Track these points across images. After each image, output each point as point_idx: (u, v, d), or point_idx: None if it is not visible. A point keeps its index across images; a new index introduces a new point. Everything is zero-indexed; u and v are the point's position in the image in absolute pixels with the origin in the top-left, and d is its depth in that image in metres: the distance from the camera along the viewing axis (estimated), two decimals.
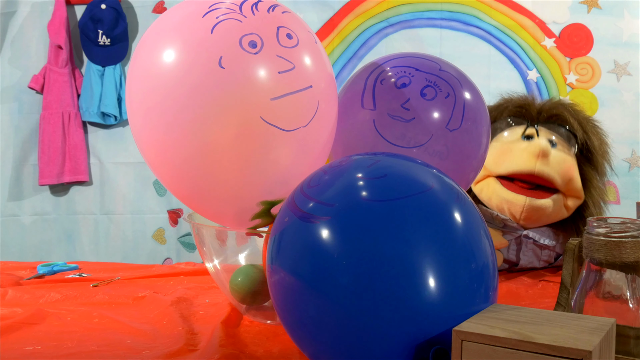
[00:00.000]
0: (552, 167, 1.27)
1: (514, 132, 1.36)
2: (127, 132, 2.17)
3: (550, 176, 1.26)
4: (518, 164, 1.27)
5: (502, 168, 1.30)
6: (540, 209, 1.28)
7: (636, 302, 0.68)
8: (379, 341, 0.61)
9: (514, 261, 1.35)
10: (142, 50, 0.87)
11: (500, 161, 1.30)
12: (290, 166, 0.86)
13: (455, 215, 0.67)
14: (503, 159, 1.30)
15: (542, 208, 1.28)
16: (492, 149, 1.32)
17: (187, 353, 0.83)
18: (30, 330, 0.93)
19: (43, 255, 2.13)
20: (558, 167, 1.28)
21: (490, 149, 1.33)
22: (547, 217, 1.31)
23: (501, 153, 1.31)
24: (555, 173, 1.27)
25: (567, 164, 1.31)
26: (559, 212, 1.31)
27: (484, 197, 1.33)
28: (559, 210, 1.30)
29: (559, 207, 1.30)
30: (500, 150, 1.32)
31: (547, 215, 1.30)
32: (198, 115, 0.81)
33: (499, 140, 1.35)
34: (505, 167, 1.29)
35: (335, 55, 2.09)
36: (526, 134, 1.33)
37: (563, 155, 1.31)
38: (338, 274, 0.62)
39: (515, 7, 2.03)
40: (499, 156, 1.31)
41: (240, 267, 0.99)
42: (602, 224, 0.69)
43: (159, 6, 2.16)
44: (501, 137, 1.36)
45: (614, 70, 2.00)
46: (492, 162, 1.30)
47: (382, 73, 1.00)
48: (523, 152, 1.28)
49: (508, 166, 1.29)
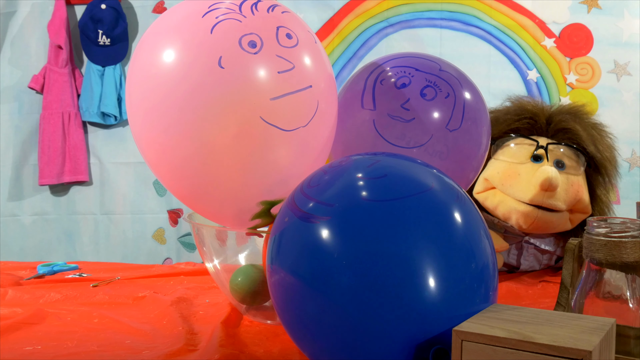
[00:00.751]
0: (558, 196, 1.25)
1: (522, 149, 1.31)
2: (127, 132, 2.17)
3: (557, 207, 1.25)
4: (525, 195, 1.25)
5: (509, 193, 1.28)
6: (551, 220, 1.27)
7: (636, 302, 0.68)
8: (379, 341, 0.61)
9: (515, 265, 1.34)
10: (142, 50, 0.87)
11: (507, 184, 1.28)
12: (290, 166, 0.86)
13: (455, 215, 0.66)
14: (510, 182, 1.27)
15: (553, 220, 1.27)
16: (499, 164, 1.30)
17: (187, 353, 0.83)
18: (30, 330, 0.93)
19: (43, 255, 2.13)
20: (565, 195, 1.26)
21: (496, 163, 1.31)
22: (553, 228, 1.30)
23: (508, 175, 1.28)
24: (562, 203, 1.25)
25: (575, 188, 1.28)
26: (564, 224, 1.30)
27: (489, 204, 1.31)
28: (565, 223, 1.30)
29: (565, 220, 1.29)
30: (507, 172, 1.29)
31: (554, 227, 1.29)
32: (198, 115, 0.81)
33: (505, 155, 1.31)
34: (511, 193, 1.27)
35: (335, 55, 2.09)
36: (535, 154, 1.29)
37: (571, 178, 1.29)
38: (338, 274, 0.62)
39: (515, 7, 2.03)
40: (505, 178, 1.28)
41: (240, 267, 0.99)
42: (602, 224, 0.69)
43: (159, 6, 2.16)
44: (508, 150, 1.32)
45: (614, 70, 2.00)
46: (498, 181, 1.28)
47: (382, 73, 1.00)
48: (530, 182, 1.25)
49: (515, 194, 1.26)
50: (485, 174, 1.31)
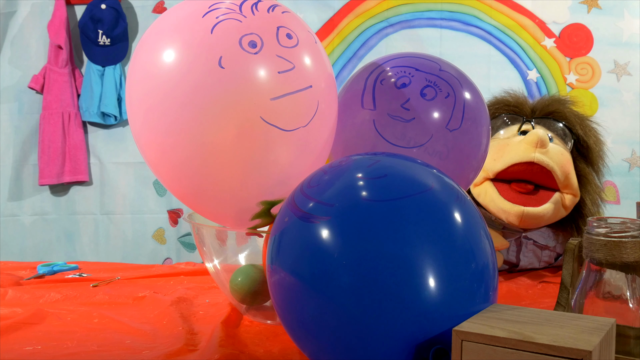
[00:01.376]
0: (551, 157, 1.26)
1: (510, 130, 1.36)
2: (127, 132, 2.17)
3: (550, 165, 1.25)
4: (517, 155, 1.26)
5: (500, 163, 1.28)
6: (538, 216, 1.27)
7: (636, 302, 0.68)
8: (379, 341, 0.61)
9: (514, 262, 1.35)
10: (142, 50, 0.87)
11: (498, 157, 1.29)
12: (290, 166, 0.86)
13: (455, 215, 0.67)
14: (501, 153, 1.29)
15: (539, 216, 1.27)
16: (490, 148, 1.32)
17: (187, 353, 0.83)
18: (30, 330, 0.93)
19: (43, 255, 2.13)
20: (556, 158, 1.27)
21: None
22: (546, 221, 1.30)
23: (498, 149, 1.30)
24: (554, 163, 1.26)
25: (565, 158, 1.30)
26: (557, 213, 1.30)
27: (482, 202, 1.32)
28: (558, 211, 1.30)
29: (557, 208, 1.29)
30: (497, 147, 1.31)
31: (546, 220, 1.30)
32: (198, 115, 0.81)
33: (495, 139, 1.35)
34: (503, 160, 1.28)
35: (335, 55, 2.09)
36: (522, 129, 1.33)
37: (560, 148, 1.31)
38: (338, 274, 0.62)
39: (515, 7, 2.03)
40: (496, 152, 1.30)
41: (240, 267, 0.99)
42: (602, 224, 0.69)
43: (159, 6, 2.16)
44: (497, 135, 1.36)
45: (614, 70, 2.00)
46: (490, 160, 1.29)
47: (382, 73, 1.00)
48: (521, 143, 1.27)
49: (507, 159, 1.27)
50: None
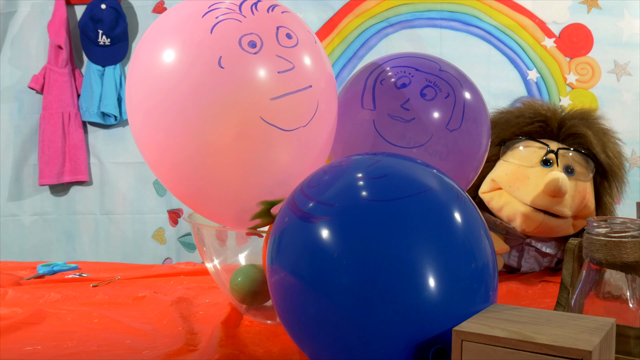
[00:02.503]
0: (565, 203, 1.24)
1: (532, 152, 1.30)
2: (127, 132, 2.17)
3: (563, 213, 1.25)
4: (532, 199, 1.24)
5: (516, 195, 1.27)
6: (556, 226, 1.27)
7: (636, 302, 0.68)
8: (379, 341, 0.61)
9: (516, 267, 1.34)
10: (142, 50, 0.87)
11: (515, 187, 1.27)
12: (290, 166, 0.86)
13: (455, 215, 0.66)
14: (518, 185, 1.27)
15: (557, 226, 1.27)
16: (508, 166, 1.30)
17: (187, 353, 0.82)
18: (30, 330, 0.93)
19: (43, 255, 2.13)
20: (571, 201, 1.26)
21: (505, 165, 1.30)
22: (557, 232, 1.30)
23: (516, 178, 1.28)
24: (568, 209, 1.25)
25: (582, 194, 1.28)
26: (567, 229, 1.30)
27: (494, 205, 1.30)
28: (568, 228, 1.30)
29: (568, 225, 1.29)
30: (516, 174, 1.28)
31: (557, 232, 1.29)
32: (198, 115, 0.81)
33: (515, 157, 1.31)
34: (518, 195, 1.27)
35: (335, 55, 2.09)
36: (545, 158, 1.28)
37: (579, 184, 1.28)
38: (338, 274, 0.62)
39: (515, 7, 2.03)
40: (514, 180, 1.28)
41: (240, 267, 0.99)
42: (602, 224, 0.69)
43: (159, 6, 2.16)
44: (518, 153, 1.31)
45: (614, 70, 2.00)
46: (506, 183, 1.28)
47: (382, 73, 1.00)
48: (538, 186, 1.24)
49: (522, 196, 1.26)
50: (493, 174, 1.30)
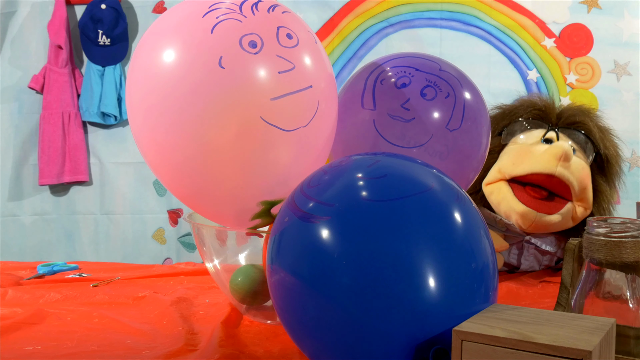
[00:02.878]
0: (571, 171, 1.25)
1: (532, 135, 1.33)
2: (127, 132, 2.17)
3: (570, 180, 1.24)
4: (539, 165, 1.24)
5: (520, 169, 1.26)
6: (549, 224, 1.27)
7: (636, 302, 0.68)
8: (379, 341, 0.61)
9: (515, 265, 1.34)
10: (142, 50, 0.87)
11: (519, 162, 1.27)
12: (290, 166, 0.86)
13: (455, 215, 0.67)
14: (522, 159, 1.27)
15: (550, 223, 1.27)
16: (509, 151, 1.31)
17: (187, 353, 0.83)
18: (30, 330, 0.93)
19: (43, 255, 2.13)
20: (577, 173, 1.26)
21: (506, 151, 1.32)
22: (554, 227, 1.30)
23: (519, 154, 1.28)
24: (574, 179, 1.25)
25: (585, 172, 1.29)
26: (566, 222, 1.30)
27: (493, 200, 1.31)
28: (567, 221, 1.29)
29: (567, 218, 1.29)
30: (518, 152, 1.29)
31: (554, 227, 1.29)
32: (198, 115, 0.81)
33: (515, 143, 1.32)
34: (523, 167, 1.26)
35: (335, 55, 2.08)
36: (546, 137, 1.30)
37: (581, 162, 1.30)
38: (338, 274, 0.62)
39: (515, 7, 2.03)
40: (517, 157, 1.28)
41: (240, 267, 0.99)
42: (602, 224, 0.69)
43: (159, 6, 2.16)
44: (517, 140, 1.33)
45: (614, 70, 2.00)
46: (509, 163, 1.28)
47: (382, 73, 1.00)
48: (544, 153, 1.25)
49: (527, 167, 1.25)
50: (499, 164, 1.32)
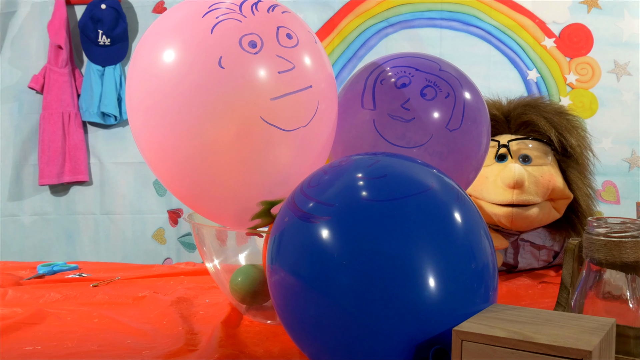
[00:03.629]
0: (529, 191, 1.25)
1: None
2: (127, 132, 2.17)
3: (530, 201, 1.25)
4: (496, 197, 1.26)
5: (483, 197, 1.29)
6: (529, 217, 1.27)
7: (636, 302, 0.68)
8: (379, 341, 0.61)
9: (513, 264, 1.35)
10: (142, 50, 0.87)
11: (479, 189, 1.29)
12: (290, 166, 0.86)
13: (455, 215, 0.67)
14: (481, 187, 1.28)
15: (530, 216, 1.27)
16: None
17: (187, 353, 0.83)
18: (30, 330, 0.93)
19: (43, 255, 2.13)
20: (536, 187, 1.26)
21: None
22: (539, 222, 1.30)
23: (477, 181, 1.27)
24: (534, 196, 1.25)
25: (546, 178, 1.28)
26: (549, 215, 1.30)
27: None
28: (549, 213, 1.29)
29: (547, 211, 1.29)
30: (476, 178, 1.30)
31: (538, 221, 1.29)
32: (198, 115, 0.81)
33: None
34: (484, 196, 1.28)
35: (335, 55, 2.08)
36: (499, 154, 1.30)
37: (539, 169, 1.29)
38: (338, 274, 0.62)
39: (515, 7, 2.03)
40: (476, 184, 1.27)
41: (240, 267, 0.99)
42: (602, 224, 0.69)
43: (159, 6, 2.16)
44: None
45: (614, 70, 2.00)
46: (472, 189, 1.29)
47: (382, 73, 1.00)
48: (498, 184, 1.26)
49: (487, 197, 1.28)
50: None
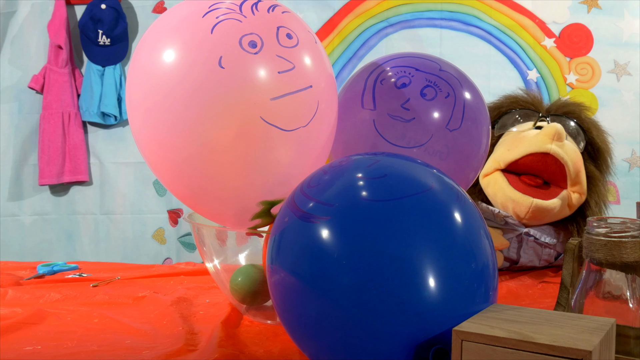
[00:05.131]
0: (565, 152, 1.27)
1: (524, 126, 1.37)
2: (127, 132, 2.17)
3: (564, 159, 1.26)
4: (533, 145, 1.26)
5: (515, 152, 1.29)
6: (546, 210, 1.28)
7: (636, 302, 0.68)
8: (379, 341, 0.61)
9: (515, 259, 1.35)
10: (142, 50, 0.87)
11: (513, 147, 1.30)
12: (290, 166, 0.86)
13: (455, 215, 0.67)
14: (516, 144, 1.30)
15: (548, 209, 1.28)
16: (503, 141, 1.34)
17: (187, 353, 0.83)
18: (30, 330, 0.93)
19: (43, 255, 2.13)
20: (571, 154, 1.29)
21: (500, 142, 1.35)
22: (551, 217, 1.31)
23: (513, 141, 1.31)
24: (568, 158, 1.27)
25: (577, 156, 1.32)
26: (562, 210, 1.31)
27: (490, 191, 1.33)
28: (563, 208, 1.31)
29: (563, 205, 1.30)
30: (511, 139, 1.32)
31: (552, 216, 1.30)
32: (198, 115, 0.81)
33: (509, 133, 1.36)
34: (517, 150, 1.28)
35: (335, 55, 2.08)
36: (537, 125, 1.34)
37: (574, 147, 1.33)
38: (338, 274, 0.62)
39: (515, 7, 2.03)
40: (511, 143, 1.31)
41: (240, 267, 0.99)
42: (602, 224, 0.69)
43: (159, 6, 2.16)
44: (510, 132, 1.37)
45: (614, 70, 2.00)
46: (504, 150, 1.31)
47: (382, 73, 1.00)
48: (538, 134, 1.28)
49: (522, 149, 1.28)
50: (494, 155, 1.34)
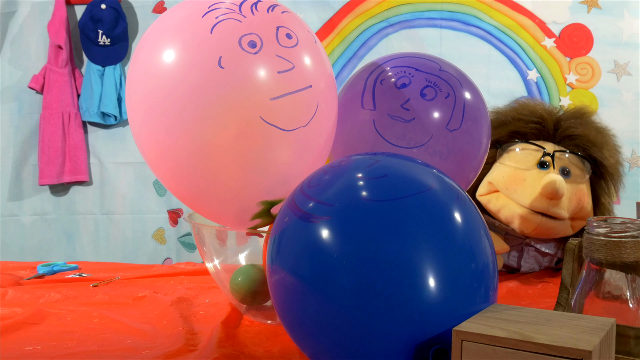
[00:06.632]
0: (562, 205, 1.25)
1: (528, 155, 1.30)
2: (127, 132, 2.17)
3: (560, 215, 1.25)
4: (530, 201, 1.24)
5: (513, 197, 1.27)
6: (554, 227, 1.27)
7: (636, 302, 0.68)
8: (379, 341, 0.61)
9: (515, 267, 1.34)
10: (142, 50, 0.87)
11: (512, 189, 1.27)
12: (290, 166, 0.86)
13: (455, 215, 0.66)
14: (515, 187, 1.27)
15: (555, 227, 1.27)
16: (504, 168, 1.29)
17: (187, 353, 0.82)
18: (30, 330, 0.93)
19: (43, 255, 2.13)
20: (568, 203, 1.26)
21: (501, 167, 1.30)
22: (555, 234, 1.29)
23: (513, 180, 1.27)
24: (565, 211, 1.25)
25: (578, 196, 1.28)
26: (566, 231, 1.30)
27: (492, 207, 1.30)
28: (566, 229, 1.29)
29: (566, 226, 1.29)
30: (512, 177, 1.28)
31: (556, 233, 1.29)
32: (198, 115, 0.81)
33: (511, 159, 1.30)
34: (515, 198, 1.26)
35: (335, 55, 2.09)
36: (541, 161, 1.28)
37: (576, 186, 1.28)
38: (338, 274, 0.62)
39: (515, 7, 2.03)
40: (510, 183, 1.27)
41: (240, 267, 0.99)
42: (602, 224, 0.69)
43: (159, 6, 2.16)
44: (514, 155, 1.31)
45: (614, 70, 2.00)
46: (503, 185, 1.27)
47: (382, 73, 1.00)
48: (535, 189, 1.24)
49: (519, 199, 1.26)
50: (490, 177, 1.30)
